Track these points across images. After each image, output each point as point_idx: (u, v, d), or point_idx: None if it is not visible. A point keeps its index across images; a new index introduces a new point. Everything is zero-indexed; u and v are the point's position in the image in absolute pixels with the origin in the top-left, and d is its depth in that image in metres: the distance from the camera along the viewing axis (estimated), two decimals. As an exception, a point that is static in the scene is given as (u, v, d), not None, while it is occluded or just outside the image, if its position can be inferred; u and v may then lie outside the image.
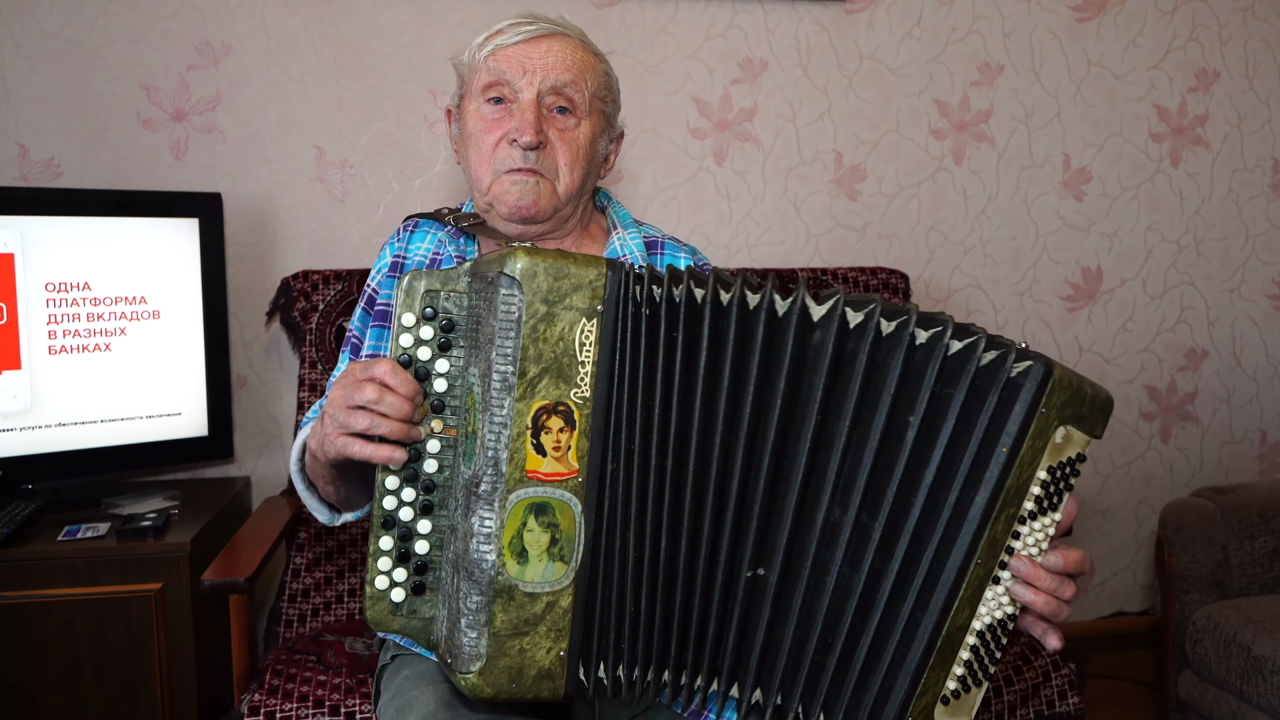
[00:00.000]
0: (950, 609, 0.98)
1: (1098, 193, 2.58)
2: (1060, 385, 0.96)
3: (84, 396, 1.90)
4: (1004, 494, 0.97)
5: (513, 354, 0.94)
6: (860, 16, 2.40)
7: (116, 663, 1.75)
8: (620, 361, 0.95)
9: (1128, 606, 2.72)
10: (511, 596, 0.96)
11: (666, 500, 0.97)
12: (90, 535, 1.78)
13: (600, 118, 1.35)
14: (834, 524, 0.99)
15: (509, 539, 0.95)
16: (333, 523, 1.29)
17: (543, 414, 0.94)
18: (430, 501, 1.01)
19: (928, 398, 0.97)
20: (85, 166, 2.10)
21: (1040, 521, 1.00)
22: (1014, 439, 0.96)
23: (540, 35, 1.29)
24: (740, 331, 0.97)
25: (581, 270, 0.94)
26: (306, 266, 2.19)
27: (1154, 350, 2.67)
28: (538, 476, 0.95)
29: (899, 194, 2.47)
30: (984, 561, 0.98)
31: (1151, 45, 2.55)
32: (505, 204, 1.29)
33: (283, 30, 2.15)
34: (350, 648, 1.78)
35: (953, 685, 1.01)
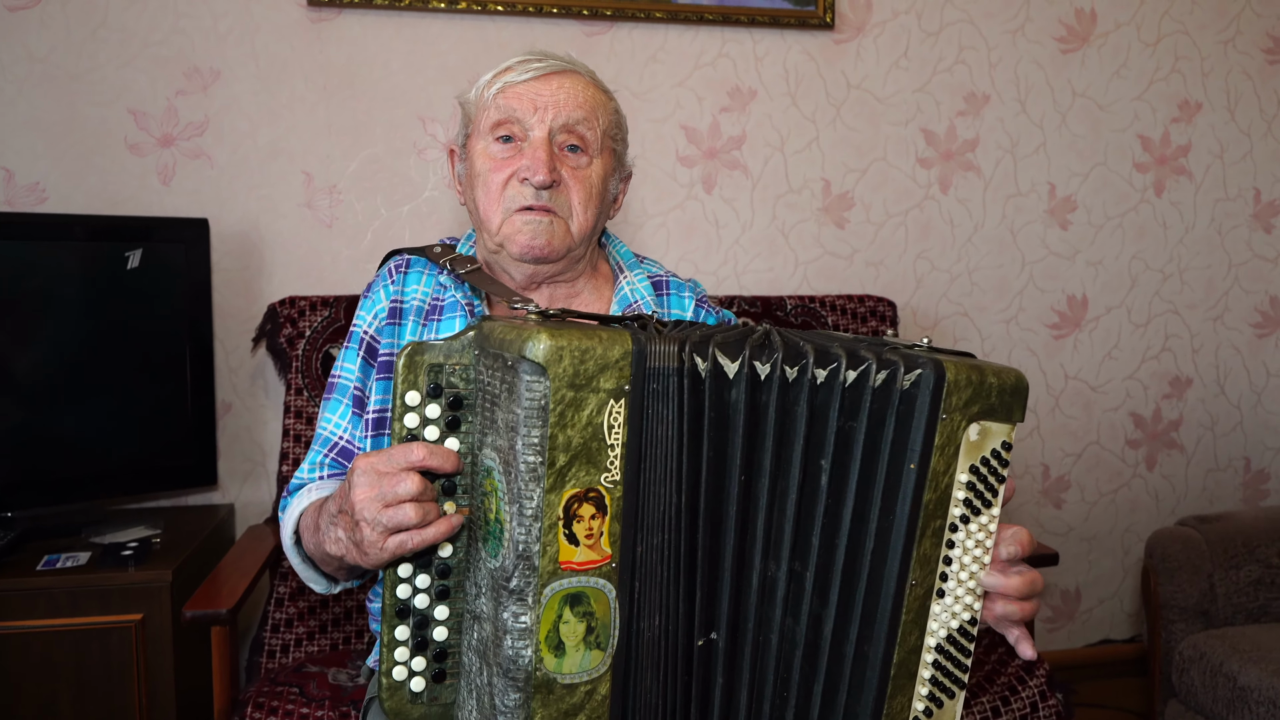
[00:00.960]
0: (895, 637, 0.97)
1: (1083, 221, 2.60)
2: (957, 386, 0.94)
3: (66, 421, 1.88)
4: (924, 510, 0.95)
5: (540, 444, 0.89)
6: (848, 46, 2.42)
7: (95, 695, 1.72)
8: (647, 441, 0.92)
9: (1114, 634, 2.72)
10: (550, 690, 0.92)
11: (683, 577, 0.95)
12: (70, 565, 1.76)
13: (611, 156, 1.31)
14: (771, 579, 0.97)
15: (545, 633, 0.91)
16: (330, 592, 1.25)
17: (574, 503, 0.91)
18: (446, 586, 0.98)
19: (834, 436, 0.96)
20: (71, 191, 2.09)
21: (977, 521, 0.99)
22: (920, 454, 0.95)
23: (551, 72, 1.26)
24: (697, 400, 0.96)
25: (607, 349, 0.90)
26: (294, 293, 2.18)
27: (1139, 378, 2.68)
28: (571, 566, 0.91)
29: (886, 222, 2.48)
30: (920, 580, 0.97)
31: (1135, 76, 2.58)
32: (517, 244, 1.24)
33: (272, 56, 2.15)
34: (334, 679, 1.76)
35: (921, 706, 1.00)
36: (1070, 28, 2.53)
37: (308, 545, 1.17)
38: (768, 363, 0.95)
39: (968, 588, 1.01)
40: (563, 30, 2.26)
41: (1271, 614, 2.11)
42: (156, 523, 1.98)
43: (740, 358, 0.95)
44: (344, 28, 2.18)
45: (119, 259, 1.92)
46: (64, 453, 1.89)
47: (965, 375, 0.95)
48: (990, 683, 1.79)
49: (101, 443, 1.92)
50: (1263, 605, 2.10)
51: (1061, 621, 2.70)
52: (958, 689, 1.02)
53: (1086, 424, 2.66)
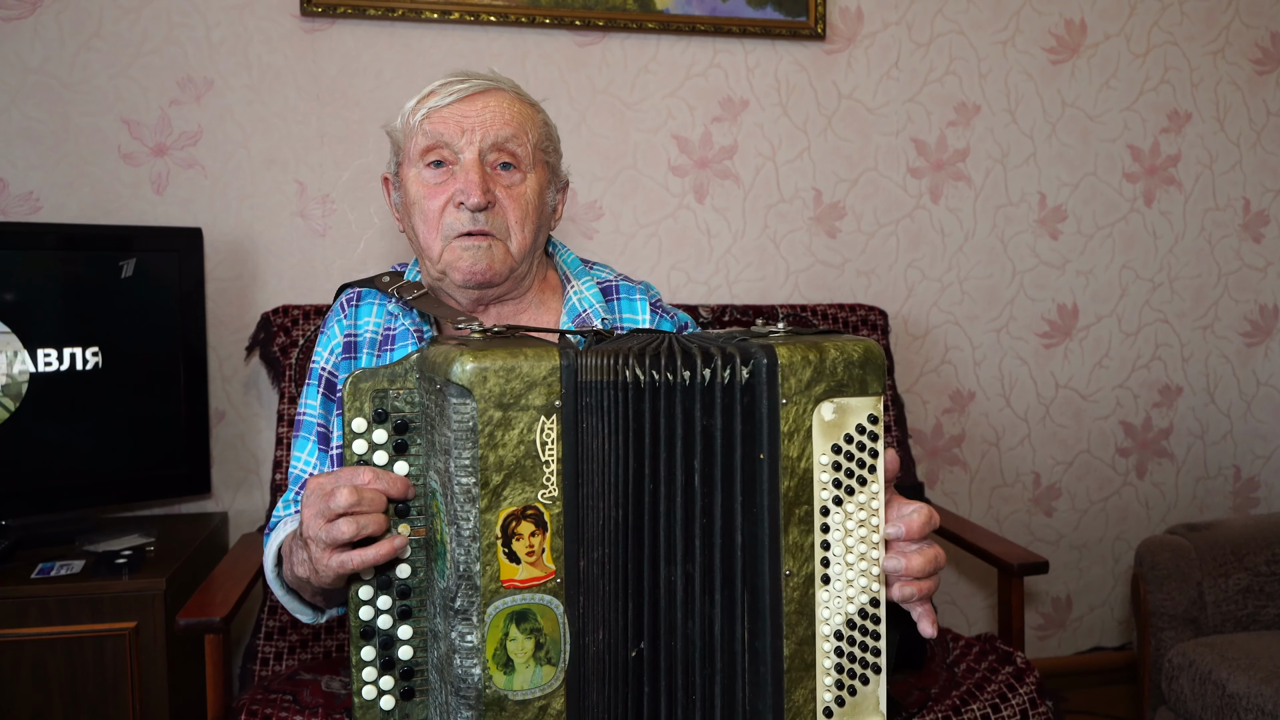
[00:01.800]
0: (780, 630, 0.96)
1: (1073, 231, 2.61)
2: (793, 369, 0.93)
3: (59, 429, 1.89)
4: (783, 499, 0.94)
5: (471, 464, 0.90)
6: (839, 57, 2.43)
7: (88, 704, 1.73)
8: (584, 454, 0.93)
9: (1105, 642, 2.73)
10: (502, 708, 0.93)
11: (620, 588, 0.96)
12: (64, 573, 1.76)
13: (545, 169, 1.31)
14: (671, 584, 0.98)
15: (492, 651, 0.92)
16: (317, 621, 1.26)
17: (511, 521, 0.91)
18: (408, 605, 0.99)
19: (700, 436, 0.96)
20: (65, 200, 2.09)
21: (855, 501, 0.97)
22: (768, 444, 0.94)
23: (475, 92, 1.25)
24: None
25: (533, 365, 0.91)
26: (287, 301, 2.19)
27: (1129, 387, 2.70)
28: (514, 585, 0.92)
29: (877, 231, 2.50)
30: (796, 570, 0.95)
31: (1124, 87, 2.60)
32: (459, 270, 1.24)
33: (265, 66, 2.16)
34: (327, 687, 1.76)
35: (830, 695, 0.98)
36: (1060, 38, 2.55)
37: (287, 574, 1.18)
38: (659, 370, 0.96)
39: (859, 570, 0.98)
40: (554, 41, 2.28)
41: (1260, 622, 2.12)
42: (150, 531, 1.98)
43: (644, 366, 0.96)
44: (337, 38, 2.19)
45: (113, 268, 1.92)
46: (57, 461, 1.89)
47: (801, 356, 0.94)
48: (980, 690, 1.80)
49: (95, 451, 1.93)
50: (1252, 613, 2.11)
51: (1052, 629, 2.71)
52: (873, 673, 0.99)
53: (1077, 432, 2.67)
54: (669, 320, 1.39)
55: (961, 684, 1.82)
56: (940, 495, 2.59)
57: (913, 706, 1.76)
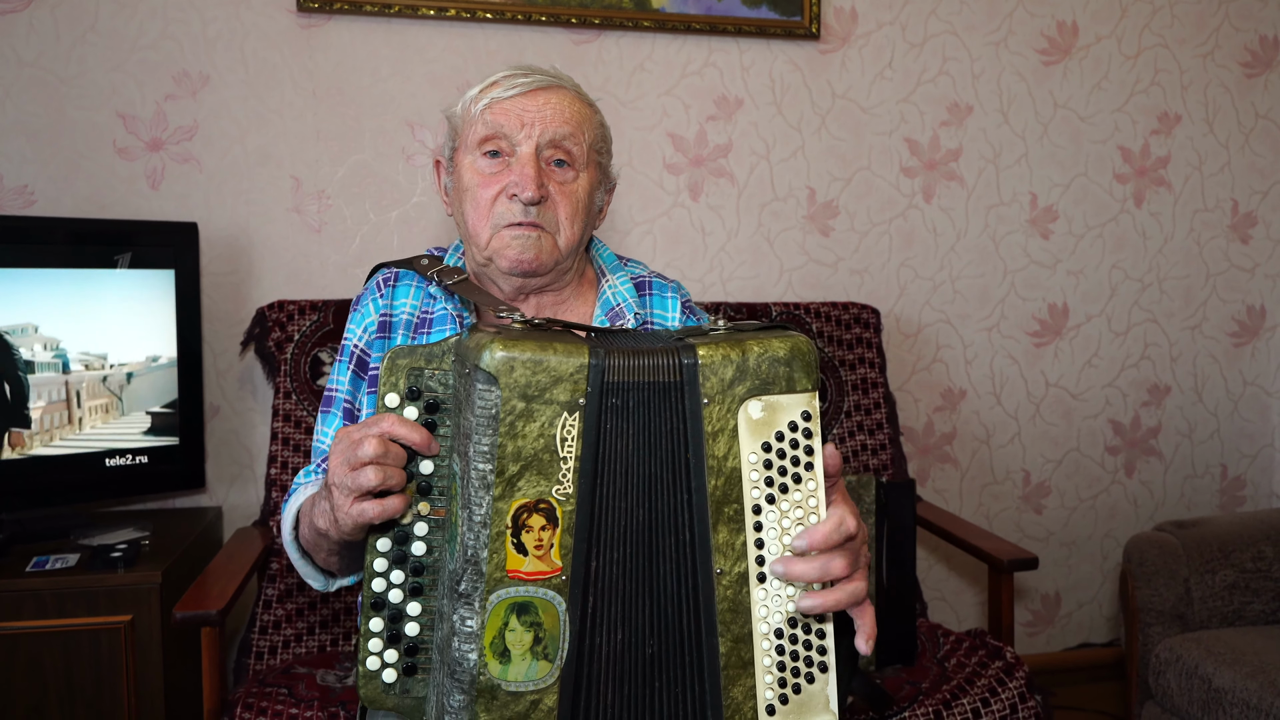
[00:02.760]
0: (714, 626, 0.97)
1: (1064, 231, 2.63)
2: (715, 366, 0.94)
3: (54, 423, 1.89)
4: (710, 498, 0.95)
5: (490, 451, 0.91)
6: (833, 56, 2.45)
7: (84, 697, 1.73)
8: (605, 454, 0.93)
9: (1093, 638, 2.76)
10: (494, 696, 0.94)
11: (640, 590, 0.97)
12: (59, 566, 1.76)
13: (597, 169, 1.32)
14: (664, 583, 0.99)
15: (490, 639, 0.93)
16: (327, 589, 1.27)
17: (523, 512, 0.92)
18: (420, 584, 1.00)
19: (648, 437, 0.96)
20: (59, 195, 2.09)
21: (788, 500, 0.97)
22: (691, 443, 0.95)
23: (537, 88, 1.27)
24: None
25: (561, 360, 0.91)
26: (282, 297, 2.19)
27: (1118, 386, 2.72)
28: (519, 576, 0.93)
29: (870, 230, 2.51)
30: (728, 569, 0.96)
31: (1115, 89, 2.62)
32: (506, 259, 1.25)
33: (261, 62, 2.17)
34: (322, 680, 1.77)
35: (771, 694, 0.98)
36: (1052, 40, 2.57)
37: (303, 535, 1.19)
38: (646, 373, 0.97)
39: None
40: (550, 39, 2.29)
41: (1246, 618, 2.14)
42: (145, 525, 1.98)
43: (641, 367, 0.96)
44: (333, 34, 2.19)
45: (108, 262, 1.93)
46: (52, 456, 1.89)
47: (723, 355, 0.94)
48: (970, 684, 1.82)
49: (90, 446, 1.93)
50: (1238, 609, 2.13)
51: (1041, 626, 2.73)
52: (819, 671, 0.99)
53: (1067, 431, 2.70)
54: (695, 320, 1.41)
55: (952, 678, 1.84)
56: (931, 492, 2.61)
57: (903, 700, 1.78)
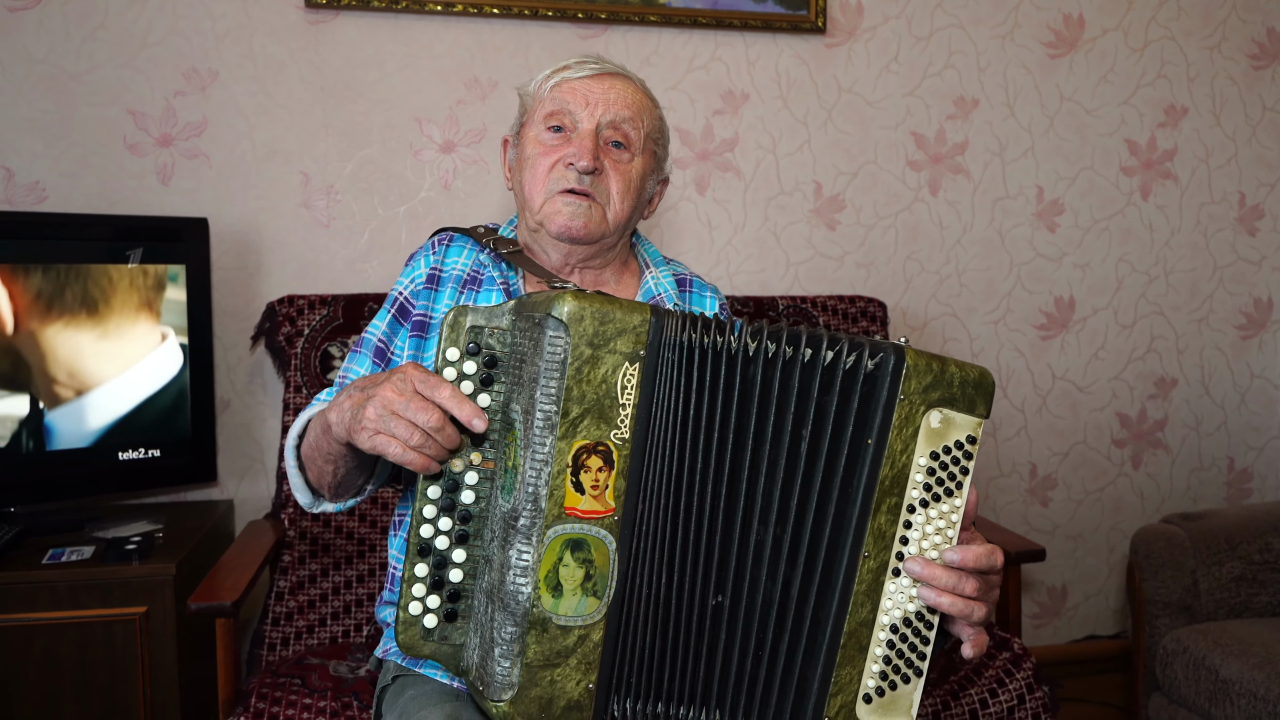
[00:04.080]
0: (847, 605, 1.01)
1: (1070, 224, 2.64)
2: (917, 370, 1.00)
3: (68, 418, 1.91)
4: (879, 485, 1.01)
5: (557, 394, 0.97)
6: (839, 50, 2.45)
7: (98, 688, 1.75)
8: (658, 405, 0.99)
9: (1100, 630, 2.77)
10: (545, 629, 0.98)
11: (688, 538, 1.02)
12: (74, 559, 1.78)
13: (651, 158, 1.40)
14: (760, 543, 1.03)
15: (545, 573, 0.98)
16: (311, 508, 1.31)
17: (583, 453, 0.98)
18: (466, 531, 1.04)
19: (813, 409, 1.02)
20: (71, 190, 2.11)
21: (937, 509, 1.03)
22: (878, 430, 1.00)
23: (605, 74, 1.37)
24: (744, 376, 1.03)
25: (626, 315, 0.97)
26: (292, 291, 2.20)
27: (1125, 378, 2.72)
28: (575, 513, 0.98)
29: (877, 224, 2.52)
30: (874, 554, 1.01)
31: (1122, 81, 2.62)
32: (555, 223, 1.33)
33: (269, 58, 2.18)
34: (334, 671, 1.78)
35: (872, 683, 1.03)
36: (1058, 33, 2.57)
37: (306, 442, 1.24)
38: (774, 342, 1.02)
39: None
40: (557, 33, 2.29)
41: (1253, 609, 2.15)
42: (158, 518, 2.00)
43: (758, 338, 1.02)
44: (341, 29, 2.20)
45: (119, 258, 1.94)
46: (66, 449, 1.91)
47: (925, 362, 1.01)
48: (978, 675, 1.83)
49: (103, 440, 1.94)
50: (1244, 601, 2.14)
51: (1048, 618, 2.74)
52: (914, 675, 1.04)
53: (1073, 423, 2.70)
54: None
55: (959, 669, 1.85)
56: (938, 485, 2.61)
57: (911, 691, 1.79)
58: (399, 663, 1.35)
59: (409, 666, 1.33)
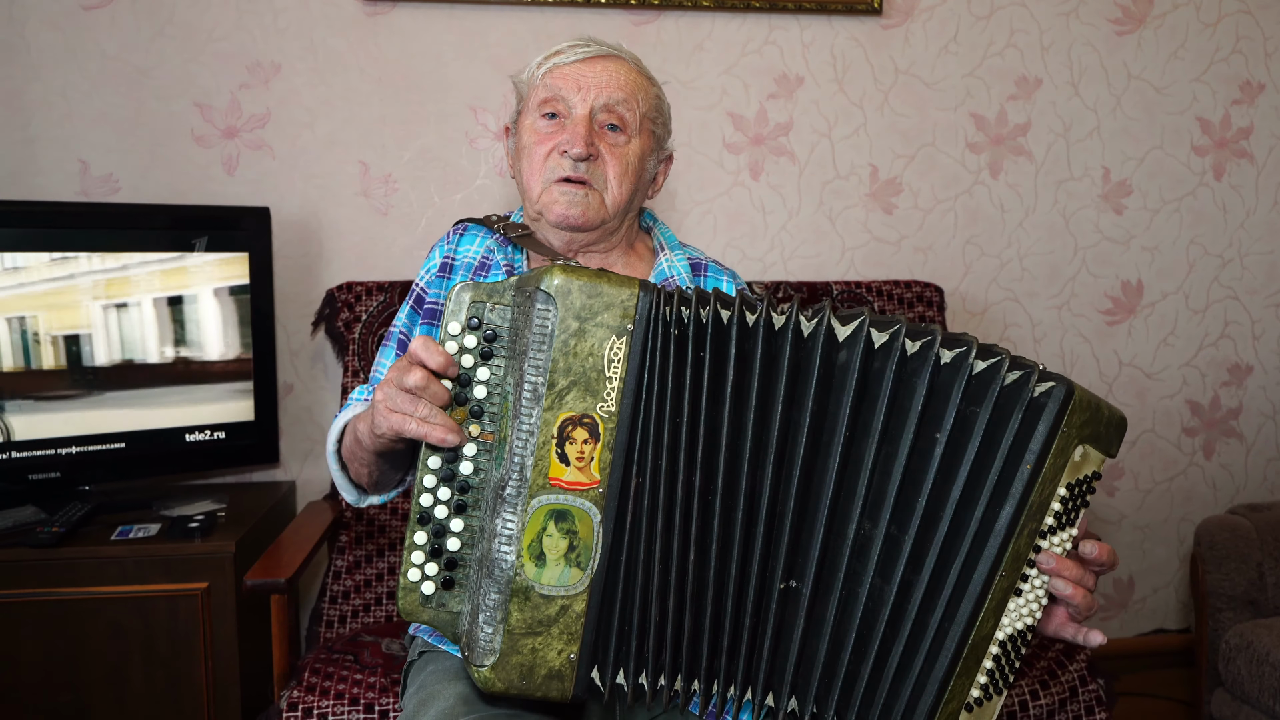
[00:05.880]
0: (976, 619, 1.01)
1: (1138, 206, 2.56)
2: (1080, 406, 0.99)
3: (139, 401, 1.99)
4: (1028, 509, 1.00)
5: (543, 366, 0.97)
6: (896, 31, 2.41)
7: (163, 659, 1.82)
8: (648, 379, 0.99)
9: (1168, 624, 2.69)
10: (527, 597, 1.00)
11: (695, 515, 1.01)
12: (141, 536, 1.85)
13: (650, 138, 1.39)
14: (865, 537, 1.02)
15: (528, 541, 0.99)
16: (359, 503, 1.35)
17: (568, 425, 0.98)
18: (464, 502, 1.06)
19: (954, 416, 1.00)
20: (141, 182, 2.19)
21: (1060, 536, 1.03)
22: (1037, 456, 0.99)
23: (596, 56, 1.35)
24: (767, 351, 1.01)
25: (615, 290, 0.98)
26: (350, 278, 2.26)
27: (1196, 365, 2.64)
28: (560, 484, 0.99)
29: (935, 208, 2.48)
30: (1008, 574, 1.01)
31: (1193, 58, 2.53)
32: (554, 212, 1.33)
33: (329, 50, 2.23)
34: (387, 649, 1.83)
35: (976, 693, 1.04)
36: (1125, 9, 2.49)
37: (345, 444, 1.27)
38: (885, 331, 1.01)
39: (1037, 594, 1.05)
40: (610, 20, 2.30)
41: (1326, 604, 2.07)
42: (222, 498, 2.07)
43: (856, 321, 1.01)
44: (398, 21, 2.24)
45: (186, 246, 2.01)
46: (137, 431, 1.99)
47: (1088, 399, 1.00)
48: (1029, 666, 1.80)
49: (172, 422, 2.02)
50: (1316, 595, 2.07)
51: (1114, 610, 2.67)
52: (1005, 688, 1.06)
53: (1141, 411, 2.63)
54: None
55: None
56: (998, 473, 2.57)
57: (960, 680, 1.77)
58: (426, 639, 1.38)
59: (434, 643, 1.36)
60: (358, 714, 1.62)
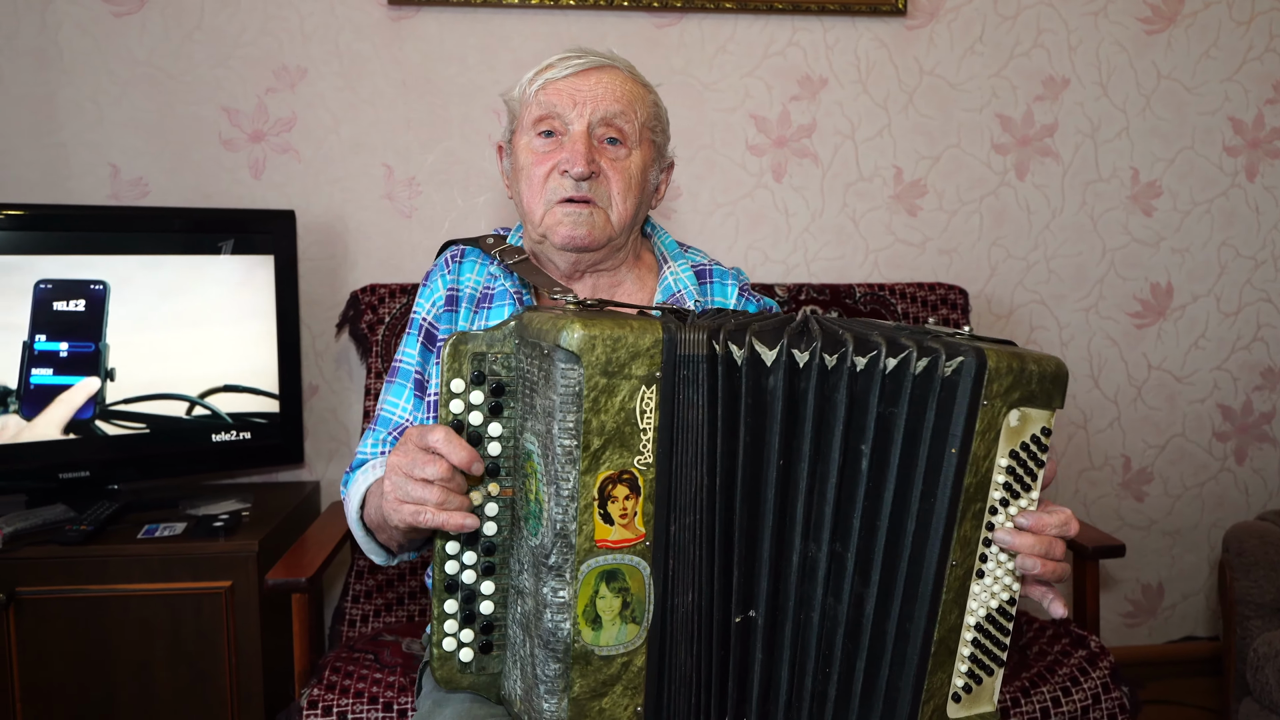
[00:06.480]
0: (936, 616, 1.00)
1: (1168, 207, 2.53)
2: (998, 373, 0.97)
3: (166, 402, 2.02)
4: (964, 493, 0.98)
5: (575, 428, 0.93)
6: (921, 32, 2.40)
7: (188, 656, 1.85)
8: (679, 424, 0.96)
9: (1198, 631, 2.65)
10: (588, 662, 0.97)
11: (717, 555, 1.00)
12: (167, 534, 1.88)
13: (651, 148, 1.35)
14: (811, 560, 1.01)
15: (582, 607, 0.96)
16: (389, 564, 1.33)
17: (609, 484, 0.95)
18: (491, 563, 1.03)
19: (874, 422, 0.99)
20: (170, 185, 2.22)
21: (1016, 505, 1.02)
22: (960, 439, 0.97)
23: (589, 68, 1.30)
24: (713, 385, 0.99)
25: (638, 338, 0.94)
26: (374, 281, 2.28)
27: (1228, 369, 2.60)
28: (607, 545, 0.96)
29: (960, 209, 2.46)
30: (960, 561, 1.00)
31: (1226, 57, 2.50)
32: (559, 235, 1.29)
33: (354, 54, 2.25)
34: (407, 648, 1.85)
35: (960, 682, 1.04)
36: (1155, 8, 2.46)
37: (369, 514, 1.24)
38: (806, 350, 0.99)
39: (1006, 569, 1.03)
40: (632, 23, 2.31)
41: (1359, 613, 2.03)
42: (247, 497, 2.10)
43: (778, 345, 0.98)
44: (422, 25, 2.26)
45: (213, 248, 2.04)
46: (164, 431, 2.02)
47: (1006, 363, 0.97)
48: (1051, 673, 1.78)
49: (198, 422, 2.05)
50: (1349, 604, 2.03)
51: (1142, 617, 2.64)
52: (996, 666, 1.05)
53: (1170, 415, 2.59)
54: (754, 304, 1.43)
55: (1032, 666, 1.81)
56: (1023, 478, 2.54)
57: (980, 686, 1.75)
58: None
59: None
60: (376, 712, 1.63)
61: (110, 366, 1.96)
